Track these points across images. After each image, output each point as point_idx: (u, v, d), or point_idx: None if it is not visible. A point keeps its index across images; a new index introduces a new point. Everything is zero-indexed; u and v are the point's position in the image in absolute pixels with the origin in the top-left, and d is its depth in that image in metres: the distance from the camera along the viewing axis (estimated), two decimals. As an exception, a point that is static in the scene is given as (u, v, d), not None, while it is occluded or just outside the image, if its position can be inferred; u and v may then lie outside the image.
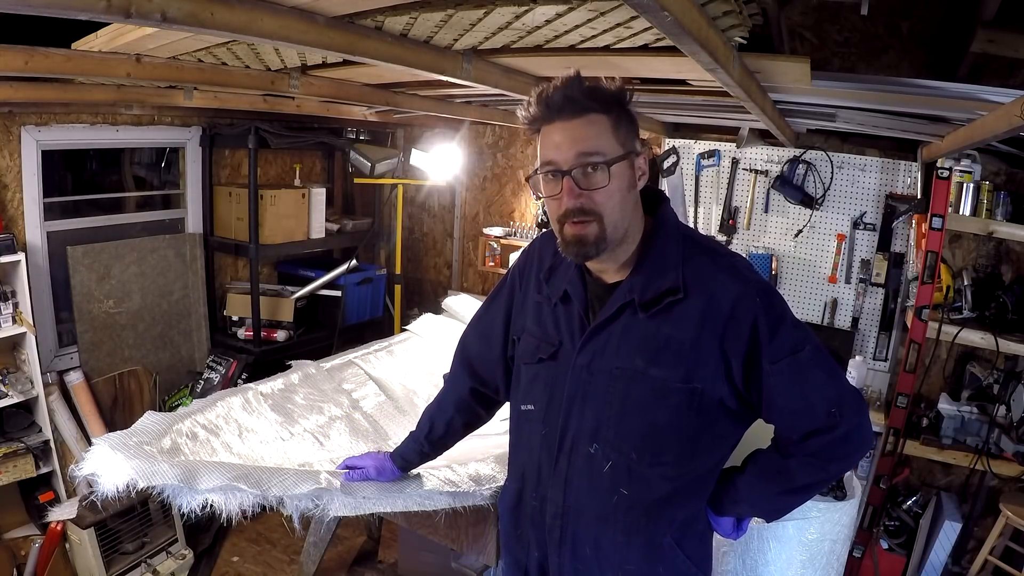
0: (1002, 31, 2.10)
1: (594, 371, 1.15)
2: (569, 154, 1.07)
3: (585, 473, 1.18)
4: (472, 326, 1.46)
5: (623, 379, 1.13)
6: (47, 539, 2.56)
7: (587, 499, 1.18)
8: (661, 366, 1.11)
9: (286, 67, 2.15)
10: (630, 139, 1.11)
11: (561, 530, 1.22)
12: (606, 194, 1.07)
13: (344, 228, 4.00)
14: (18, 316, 2.69)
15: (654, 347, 1.11)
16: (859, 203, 3.19)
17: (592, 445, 1.16)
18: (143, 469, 1.34)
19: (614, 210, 1.09)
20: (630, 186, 1.11)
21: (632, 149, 1.11)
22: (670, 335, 1.10)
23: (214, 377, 3.39)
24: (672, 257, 1.12)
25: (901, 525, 2.92)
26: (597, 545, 1.19)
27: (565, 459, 1.19)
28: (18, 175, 2.84)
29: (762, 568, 1.99)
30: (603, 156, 1.07)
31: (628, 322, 1.13)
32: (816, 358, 1.10)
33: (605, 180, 1.07)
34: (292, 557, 2.91)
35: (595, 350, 1.15)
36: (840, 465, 1.15)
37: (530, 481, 1.27)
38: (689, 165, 3.51)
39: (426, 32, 1.46)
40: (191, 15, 0.97)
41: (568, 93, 1.07)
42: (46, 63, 1.71)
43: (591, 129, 1.08)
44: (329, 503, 1.45)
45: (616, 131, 1.09)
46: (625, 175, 1.10)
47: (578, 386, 1.17)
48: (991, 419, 2.70)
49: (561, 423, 1.19)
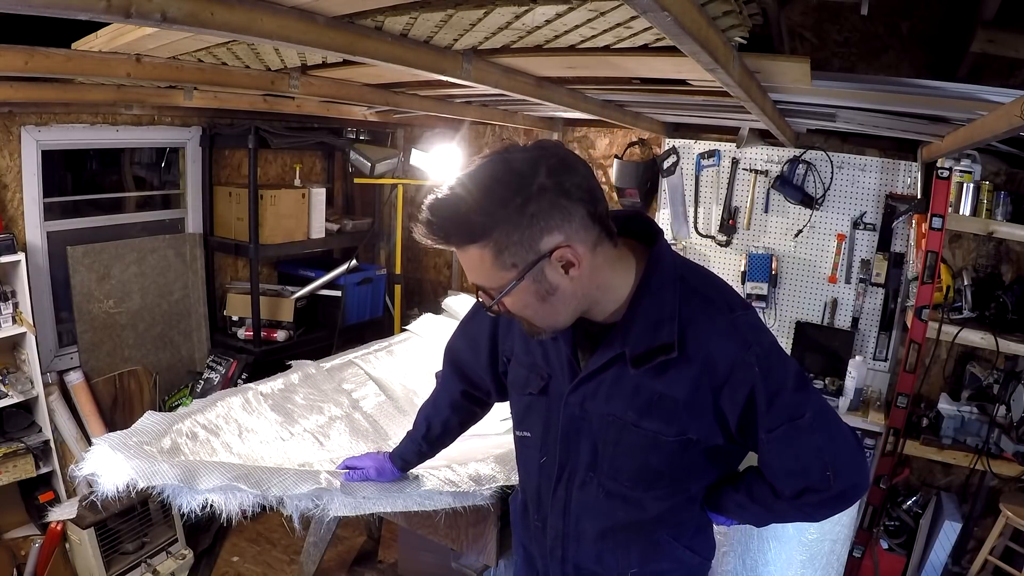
0: (1002, 31, 2.10)
1: (587, 411, 1.13)
2: (473, 284, 1.03)
3: (583, 503, 1.19)
4: (460, 330, 1.42)
5: (616, 426, 1.11)
6: (47, 539, 2.56)
7: (586, 523, 1.21)
8: (653, 419, 1.08)
9: (286, 67, 2.14)
10: (524, 253, 0.95)
11: (563, 550, 1.25)
12: (518, 309, 1.02)
13: (344, 228, 4.00)
14: (18, 316, 2.69)
15: (646, 401, 1.07)
16: (859, 203, 3.19)
17: (588, 475, 1.17)
18: (143, 469, 1.34)
19: (538, 317, 1.02)
20: (547, 293, 0.99)
21: (528, 263, 0.95)
22: (663, 393, 1.06)
23: (214, 377, 3.39)
24: (668, 306, 1.03)
25: (901, 525, 2.92)
26: (599, 560, 1.22)
27: (563, 489, 1.20)
28: (18, 175, 2.83)
29: (762, 568, 1.99)
30: (490, 288, 1.00)
31: (619, 373, 1.08)
32: (816, 422, 1.04)
33: (503, 307, 1.02)
34: (292, 557, 2.91)
35: (586, 394, 1.12)
36: (829, 515, 1.16)
37: (532, 502, 1.29)
38: (689, 165, 3.51)
39: (426, 32, 1.46)
40: (191, 15, 0.97)
41: (430, 231, 0.95)
42: (46, 63, 1.71)
43: (470, 262, 0.98)
44: (329, 503, 1.45)
45: (498, 257, 0.95)
46: (529, 290, 0.98)
47: (571, 423, 1.15)
48: (991, 419, 2.69)
49: (559, 455, 1.19)
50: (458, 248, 0.97)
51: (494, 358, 1.33)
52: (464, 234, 0.95)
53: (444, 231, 0.95)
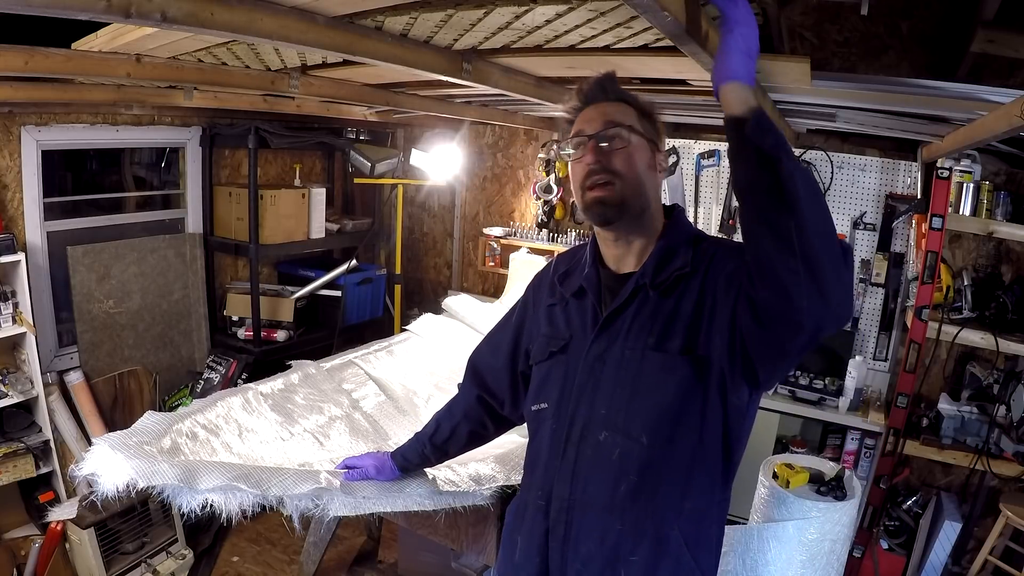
0: (1002, 31, 2.10)
1: (606, 359, 1.18)
2: (597, 123, 1.18)
3: (593, 462, 1.17)
4: (486, 339, 1.50)
5: (634, 360, 1.15)
6: (47, 539, 2.56)
7: (594, 489, 1.17)
8: (670, 339, 1.14)
9: (286, 67, 2.15)
10: (652, 134, 1.22)
11: (566, 525, 1.20)
12: (625, 156, 1.16)
13: (344, 228, 4.00)
14: (18, 316, 2.69)
15: (664, 323, 1.15)
16: (859, 203, 3.19)
17: (602, 433, 1.16)
18: (143, 469, 1.34)
19: (632, 174, 1.16)
20: (649, 165, 1.20)
21: (654, 140, 1.22)
22: (679, 308, 1.14)
23: (214, 377, 3.39)
24: (683, 245, 1.19)
25: (901, 525, 2.92)
26: (603, 539, 1.17)
27: (573, 449, 1.19)
28: (18, 175, 2.84)
29: (762, 568, 2.00)
30: (627, 124, 1.18)
31: (641, 304, 1.18)
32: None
33: (625, 143, 1.16)
34: (292, 557, 2.91)
35: (609, 337, 1.19)
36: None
37: (537, 482, 1.25)
38: (689, 165, 3.51)
39: (426, 32, 1.46)
40: (191, 15, 0.97)
41: (603, 82, 1.22)
42: (46, 63, 1.71)
43: (620, 109, 1.20)
44: (329, 503, 1.45)
45: (641, 120, 1.21)
46: (645, 152, 1.19)
47: (588, 375, 1.19)
48: (991, 419, 2.69)
49: (571, 414, 1.20)
50: (615, 103, 1.21)
51: (515, 356, 1.39)
52: (630, 97, 1.23)
53: (616, 87, 1.22)
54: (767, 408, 3.05)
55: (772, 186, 0.90)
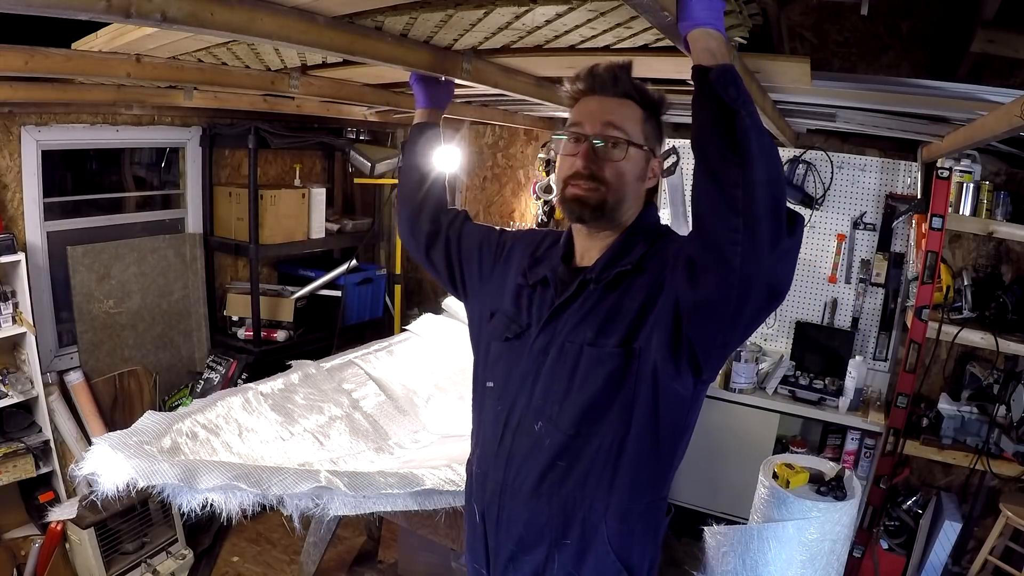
0: (1002, 31, 2.10)
1: (548, 351, 1.19)
2: (596, 122, 1.15)
3: (528, 451, 1.20)
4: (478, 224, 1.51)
5: (572, 354, 1.16)
6: (47, 539, 2.56)
7: (525, 474, 1.20)
8: (609, 335, 1.14)
9: (286, 67, 2.14)
10: (653, 140, 1.20)
11: (499, 508, 1.23)
12: (616, 170, 1.15)
13: (344, 228, 4.00)
14: (18, 316, 2.69)
15: (604, 318, 1.16)
16: (859, 203, 3.19)
17: (537, 423, 1.19)
18: (143, 468, 1.34)
19: (620, 187, 1.16)
20: (639, 177, 1.19)
21: (652, 148, 1.19)
22: (621, 304, 1.15)
23: (214, 377, 3.39)
24: (641, 242, 1.19)
25: (901, 525, 2.92)
26: (529, 524, 1.20)
27: (510, 436, 1.22)
28: (18, 175, 2.84)
29: (762, 568, 2.00)
30: (625, 136, 1.15)
31: (585, 299, 1.19)
32: None
33: (621, 156, 1.15)
34: (292, 557, 2.91)
35: (553, 331, 1.20)
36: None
37: (481, 456, 1.29)
38: (689, 165, 3.50)
39: (426, 32, 1.46)
40: (191, 15, 0.97)
41: (616, 73, 1.17)
42: (46, 63, 1.71)
43: (623, 110, 1.17)
44: (329, 502, 1.45)
45: (644, 124, 1.18)
46: (639, 163, 1.18)
47: (532, 366, 1.21)
48: (991, 419, 2.69)
49: (511, 401, 1.22)
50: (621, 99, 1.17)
51: (444, 228, 1.44)
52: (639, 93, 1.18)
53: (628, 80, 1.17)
54: (767, 408, 3.05)
55: (726, 137, 0.90)
